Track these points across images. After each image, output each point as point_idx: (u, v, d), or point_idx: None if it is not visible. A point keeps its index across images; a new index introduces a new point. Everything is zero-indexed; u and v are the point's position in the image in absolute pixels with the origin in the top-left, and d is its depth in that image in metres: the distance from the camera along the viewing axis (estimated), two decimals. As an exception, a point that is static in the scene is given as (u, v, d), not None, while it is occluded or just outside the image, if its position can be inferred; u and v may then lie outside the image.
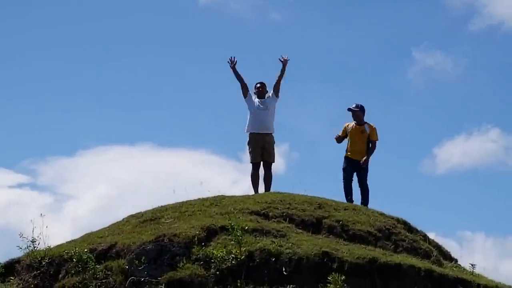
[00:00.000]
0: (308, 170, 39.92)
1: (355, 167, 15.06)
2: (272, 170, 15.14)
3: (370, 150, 15.11)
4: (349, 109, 15.30)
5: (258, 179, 15.05)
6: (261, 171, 15.12)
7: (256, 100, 15.20)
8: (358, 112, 15.27)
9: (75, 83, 46.36)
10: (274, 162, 15.18)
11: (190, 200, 13.47)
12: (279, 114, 15.55)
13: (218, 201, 13.26)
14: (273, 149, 15.16)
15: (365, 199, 14.86)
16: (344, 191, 15.01)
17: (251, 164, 15.11)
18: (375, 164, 15.62)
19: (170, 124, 46.65)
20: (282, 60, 15.11)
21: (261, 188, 14.98)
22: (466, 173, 44.26)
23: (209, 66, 46.24)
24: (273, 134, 15.20)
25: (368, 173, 15.07)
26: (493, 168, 44.55)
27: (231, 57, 15.22)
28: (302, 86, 41.82)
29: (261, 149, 15.00)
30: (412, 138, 45.20)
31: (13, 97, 46.92)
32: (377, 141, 15.20)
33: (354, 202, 14.65)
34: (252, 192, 14.81)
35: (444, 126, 45.78)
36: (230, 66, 15.22)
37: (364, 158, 14.97)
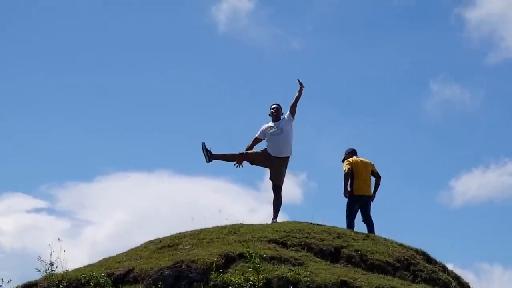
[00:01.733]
0: (325, 200, 39.81)
1: None
2: (282, 195, 14.49)
3: None
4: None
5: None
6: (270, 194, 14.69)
7: (270, 124, 14.76)
8: (346, 157, 15.27)
9: (95, 108, 46.75)
10: (282, 185, 14.50)
11: (209, 228, 13.46)
12: (297, 143, 15.16)
13: (237, 229, 13.24)
14: (282, 172, 14.50)
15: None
16: None
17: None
18: (387, 194, 15.71)
19: (188, 152, 46.84)
20: (300, 83, 14.64)
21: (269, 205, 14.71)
22: (483, 206, 44.04)
23: (228, 94, 46.55)
24: (289, 157, 14.62)
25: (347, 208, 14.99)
26: (510, 200, 44.30)
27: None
28: (320, 115, 41.95)
29: (269, 168, 14.58)
30: (429, 170, 45.03)
31: (32, 122, 47.28)
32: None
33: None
34: None
35: (461, 159, 45.65)
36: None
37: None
